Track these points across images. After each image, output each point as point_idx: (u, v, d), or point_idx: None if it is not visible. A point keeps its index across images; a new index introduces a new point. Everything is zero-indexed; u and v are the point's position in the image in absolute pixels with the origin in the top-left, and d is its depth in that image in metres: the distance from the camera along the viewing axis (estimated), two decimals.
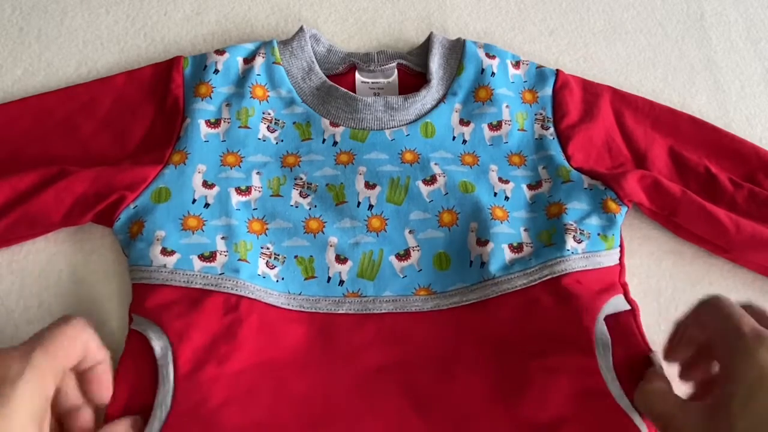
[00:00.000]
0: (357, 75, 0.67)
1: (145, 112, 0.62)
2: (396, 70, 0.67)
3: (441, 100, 0.64)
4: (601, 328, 0.53)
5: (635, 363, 0.53)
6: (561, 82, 0.65)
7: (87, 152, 0.60)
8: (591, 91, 0.66)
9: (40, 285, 0.58)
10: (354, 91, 0.66)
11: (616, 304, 0.55)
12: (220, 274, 0.54)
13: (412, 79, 0.67)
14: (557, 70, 0.66)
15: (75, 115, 0.62)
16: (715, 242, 0.60)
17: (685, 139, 0.65)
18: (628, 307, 0.56)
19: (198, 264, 0.54)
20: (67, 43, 0.70)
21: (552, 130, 0.63)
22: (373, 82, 0.67)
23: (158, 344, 0.51)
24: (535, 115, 0.64)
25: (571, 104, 0.64)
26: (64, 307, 0.57)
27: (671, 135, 0.65)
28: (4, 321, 0.56)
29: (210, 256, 0.55)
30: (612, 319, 0.54)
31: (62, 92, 0.63)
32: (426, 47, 0.67)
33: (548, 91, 0.65)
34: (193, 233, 0.56)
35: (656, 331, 0.59)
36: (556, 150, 0.62)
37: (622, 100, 0.66)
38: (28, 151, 0.60)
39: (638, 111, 0.66)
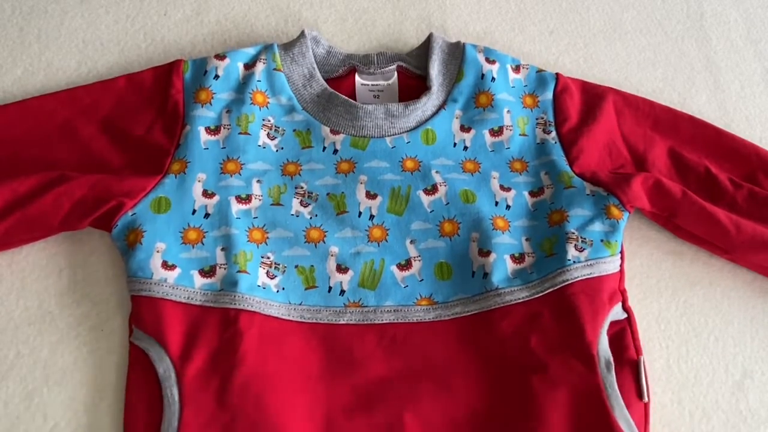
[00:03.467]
0: (357, 77, 0.66)
1: (145, 117, 0.62)
2: (396, 73, 0.67)
3: (441, 107, 0.64)
4: (604, 344, 0.53)
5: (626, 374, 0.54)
6: (561, 85, 0.65)
7: (87, 156, 0.60)
8: (591, 93, 0.66)
9: (40, 285, 0.58)
10: (354, 94, 0.66)
11: (614, 314, 0.55)
12: (220, 290, 0.54)
13: (412, 81, 0.67)
14: (557, 74, 0.66)
15: (75, 118, 0.61)
16: (715, 243, 0.60)
17: (685, 140, 0.65)
18: (625, 316, 0.56)
19: (199, 280, 0.55)
20: (67, 43, 0.70)
21: (554, 134, 0.63)
22: (372, 85, 0.66)
23: (161, 366, 0.51)
24: (537, 119, 0.64)
25: (571, 108, 0.64)
26: (64, 308, 0.57)
27: (671, 136, 0.65)
28: (5, 321, 0.57)
29: (210, 271, 0.55)
30: (608, 329, 0.54)
31: (63, 95, 0.63)
32: (425, 48, 0.67)
33: (549, 95, 0.65)
34: (193, 247, 0.56)
35: (656, 331, 0.59)
36: (558, 155, 0.62)
37: (623, 102, 0.66)
38: (28, 154, 0.60)
39: (639, 112, 0.66)
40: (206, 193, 0.58)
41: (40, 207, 0.55)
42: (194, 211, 0.58)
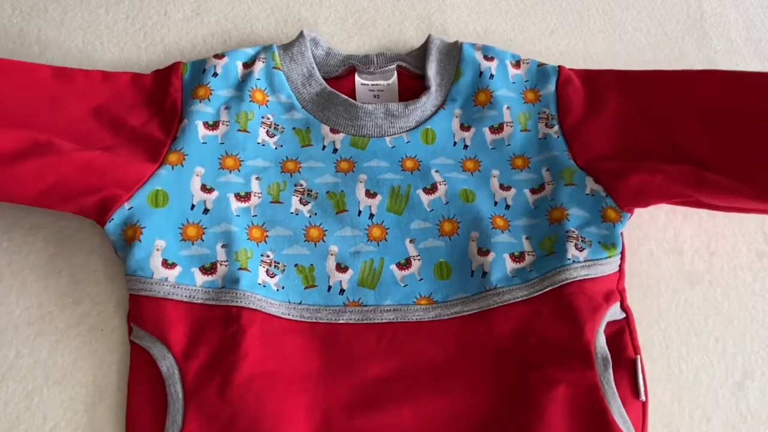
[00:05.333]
0: (356, 77, 0.66)
1: (141, 112, 0.60)
2: (395, 73, 0.67)
3: (441, 106, 0.64)
4: (601, 341, 0.53)
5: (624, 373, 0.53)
6: (564, 78, 0.64)
7: (71, 132, 0.57)
8: (595, 82, 0.64)
9: (40, 285, 0.58)
10: (354, 94, 0.66)
11: (612, 313, 0.55)
12: (221, 287, 0.54)
13: (412, 81, 0.67)
14: (559, 66, 0.65)
15: (67, 95, 0.59)
16: (754, 208, 0.57)
17: (705, 99, 0.60)
18: (623, 315, 0.56)
19: (200, 278, 0.55)
20: (67, 43, 0.70)
21: (557, 128, 0.62)
22: (372, 85, 0.67)
23: (164, 364, 0.52)
24: (539, 113, 0.63)
25: (575, 101, 0.63)
26: (64, 308, 0.57)
27: (690, 101, 0.60)
28: (5, 321, 0.57)
29: (211, 268, 0.55)
30: (606, 328, 0.54)
31: (60, 70, 0.61)
32: (425, 49, 0.66)
33: (551, 88, 0.64)
34: (193, 243, 0.56)
35: (656, 331, 0.59)
36: (560, 149, 0.61)
37: (630, 81, 0.63)
38: (9, 109, 0.56)
39: (652, 87, 0.62)
40: (205, 188, 0.58)
41: (19, 172, 0.52)
42: (193, 206, 0.57)
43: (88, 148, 0.56)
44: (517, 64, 0.66)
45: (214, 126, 0.61)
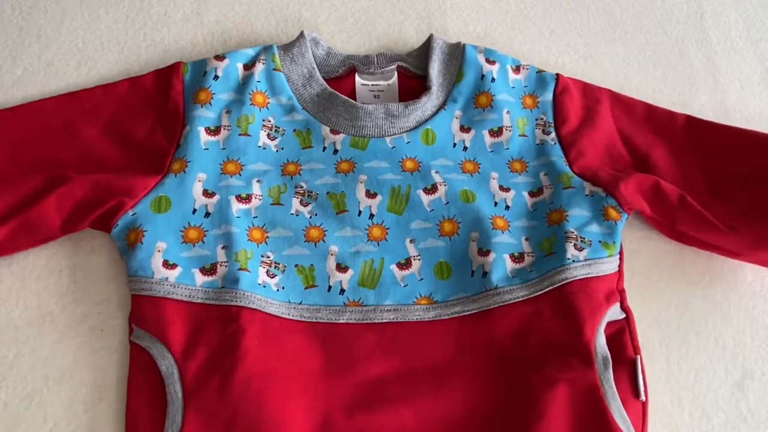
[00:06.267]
0: (357, 78, 0.67)
1: (146, 120, 0.62)
2: (396, 73, 0.67)
3: (441, 107, 0.64)
4: (601, 341, 0.53)
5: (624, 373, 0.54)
6: (561, 86, 0.65)
7: (88, 157, 0.60)
8: (591, 96, 0.66)
9: (40, 285, 0.58)
10: (354, 94, 0.66)
11: (612, 313, 0.55)
12: (221, 287, 0.54)
13: (412, 81, 0.67)
14: (557, 74, 0.66)
15: (77, 120, 0.62)
16: (722, 247, 0.60)
17: (685, 142, 0.64)
18: (623, 315, 0.56)
19: (200, 279, 0.55)
20: (67, 43, 0.70)
21: (553, 135, 0.63)
22: (372, 85, 0.67)
23: (164, 363, 0.52)
24: (536, 120, 0.64)
25: (571, 109, 0.64)
26: (64, 308, 0.57)
27: (671, 139, 0.64)
28: (5, 321, 0.57)
29: (211, 269, 0.55)
30: (606, 328, 0.55)
31: (65, 98, 0.63)
32: (425, 49, 0.67)
33: (549, 96, 0.65)
34: (194, 246, 0.56)
35: (656, 330, 0.59)
36: (557, 156, 0.62)
37: (621, 105, 0.66)
38: (30, 154, 0.60)
39: (637, 116, 0.65)
40: (206, 193, 0.58)
41: (42, 210, 0.55)
42: (194, 211, 0.58)
43: (102, 168, 0.59)
44: (517, 69, 0.66)
45: (215, 131, 0.61)
